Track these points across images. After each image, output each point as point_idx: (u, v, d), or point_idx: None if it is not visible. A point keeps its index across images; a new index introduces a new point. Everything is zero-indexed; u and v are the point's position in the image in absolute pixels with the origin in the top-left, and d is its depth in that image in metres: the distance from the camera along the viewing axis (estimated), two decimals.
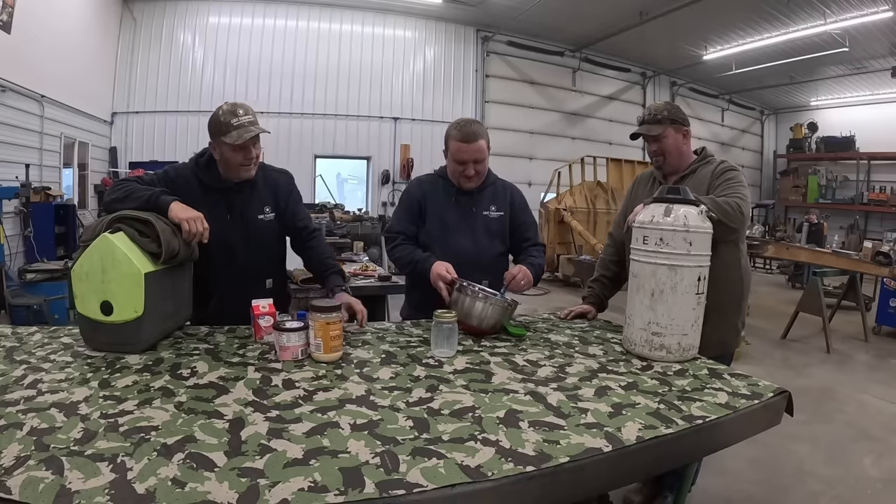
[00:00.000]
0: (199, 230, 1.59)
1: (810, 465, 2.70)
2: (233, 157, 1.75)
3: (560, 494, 0.95)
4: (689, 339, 1.53)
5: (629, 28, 9.63)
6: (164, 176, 1.82)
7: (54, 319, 4.37)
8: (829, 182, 13.68)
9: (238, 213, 1.85)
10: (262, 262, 1.93)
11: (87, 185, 8.17)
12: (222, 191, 1.83)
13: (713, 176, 1.85)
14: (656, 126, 1.88)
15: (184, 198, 1.72)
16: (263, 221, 1.90)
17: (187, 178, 1.82)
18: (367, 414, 1.10)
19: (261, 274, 1.93)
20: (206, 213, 1.72)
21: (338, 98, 9.99)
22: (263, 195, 1.91)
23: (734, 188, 1.77)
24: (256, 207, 1.88)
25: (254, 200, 1.88)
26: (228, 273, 1.85)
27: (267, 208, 1.91)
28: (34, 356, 1.38)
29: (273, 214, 1.92)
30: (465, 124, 1.95)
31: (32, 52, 6.23)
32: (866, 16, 8.21)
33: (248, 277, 1.86)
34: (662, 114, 1.88)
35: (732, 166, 1.89)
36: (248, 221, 1.87)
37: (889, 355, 4.93)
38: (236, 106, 1.73)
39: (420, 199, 2.04)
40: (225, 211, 1.83)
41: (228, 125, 1.69)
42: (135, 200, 1.59)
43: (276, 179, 1.96)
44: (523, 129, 11.45)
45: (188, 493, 0.79)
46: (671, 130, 1.88)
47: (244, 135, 1.69)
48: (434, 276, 1.80)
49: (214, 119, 1.73)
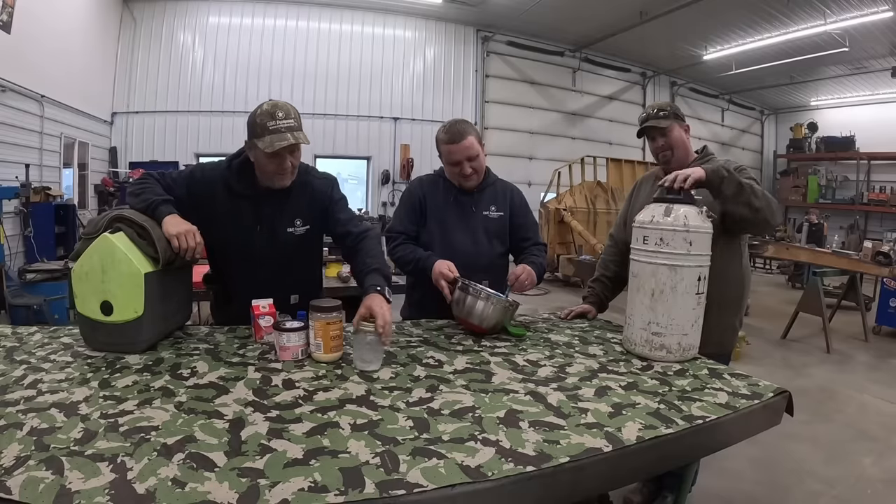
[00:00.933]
0: (191, 245, 1.46)
1: (810, 465, 2.70)
2: (266, 165, 1.59)
3: (560, 494, 0.95)
4: (689, 339, 1.53)
5: (629, 28, 9.63)
6: (188, 176, 1.68)
7: (54, 319, 4.36)
8: (829, 182, 13.69)
9: (267, 224, 1.69)
10: (287, 278, 1.76)
11: (87, 185, 8.17)
12: (252, 198, 1.67)
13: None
14: (664, 120, 1.88)
15: (205, 201, 1.64)
16: (293, 235, 1.73)
17: (214, 181, 1.67)
18: (368, 414, 1.10)
19: (285, 290, 1.77)
20: (231, 220, 1.66)
21: (338, 98, 10.00)
22: (296, 206, 1.72)
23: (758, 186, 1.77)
24: (287, 219, 1.71)
25: (285, 212, 1.71)
26: (250, 285, 1.70)
27: (298, 221, 1.73)
28: (34, 356, 1.38)
29: (306, 227, 1.74)
30: (450, 125, 1.95)
31: (32, 52, 6.23)
32: (866, 16, 8.22)
33: (271, 292, 1.66)
34: (667, 109, 1.90)
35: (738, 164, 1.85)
36: (276, 234, 1.70)
37: (889, 355, 4.93)
38: (276, 107, 1.54)
39: (421, 199, 2.04)
40: (253, 220, 1.69)
41: (264, 128, 1.52)
42: (141, 202, 1.53)
43: (312, 188, 1.75)
44: (523, 129, 11.46)
45: (188, 494, 0.79)
46: (676, 125, 1.90)
47: (276, 143, 1.51)
48: (436, 274, 1.80)
49: (252, 118, 1.57)
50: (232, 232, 1.68)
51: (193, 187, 1.66)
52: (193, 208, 1.61)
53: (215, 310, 1.94)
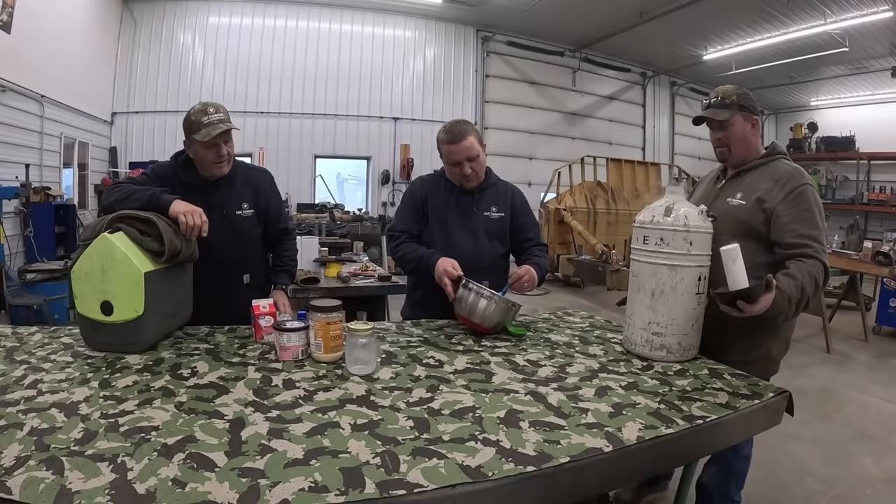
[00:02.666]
0: (198, 223, 1.60)
1: (810, 465, 2.70)
2: (205, 155, 1.80)
3: (560, 494, 0.95)
4: (689, 339, 1.53)
5: (629, 28, 9.62)
6: (152, 174, 1.86)
7: (54, 319, 4.36)
8: (829, 182, 13.67)
9: (217, 209, 1.87)
10: (239, 257, 1.97)
11: (87, 185, 8.17)
12: (200, 188, 1.86)
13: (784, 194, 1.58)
14: (723, 111, 1.65)
15: None
16: (241, 217, 1.95)
17: (169, 175, 1.86)
18: (368, 414, 1.10)
19: (239, 270, 1.98)
20: None
21: (338, 98, 9.99)
22: (242, 192, 1.95)
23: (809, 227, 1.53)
24: (235, 203, 1.93)
25: (232, 197, 1.93)
26: (206, 268, 1.84)
27: (245, 205, 1.96)
28: (34, 356, 1.38)
29: (252, 211, 1.97)
30: (451, 126, 1.96)
31: (32, 52, 6.23)
32: (866, 16, 8.21)
33: (226, 273, 1.91)
34: (731, 98, 1.66)
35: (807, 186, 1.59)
36: (227, 217, 1.90)
37: (889, 355, 4.92)
38: (207, 105, 1.79)
39: (423, 199, 2.04)
40: (204, 207, 1.80)
41: (199, 123, 1.74)
42: (136, 201, 1.61)
43: (255, 178, 2.02)
44: (523, 129, 11.45)
45: (188, 494, 0.79)
46: (739, 118, 1.66)
47: (212, 132, 1.74)
48: (440, 271, 1.79)
49: (186, 118, 1.79)
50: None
51: (157, 182, 1.81)
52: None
53: None
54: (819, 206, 1.60)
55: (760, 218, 1.60)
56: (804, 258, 1.51)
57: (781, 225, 1.56)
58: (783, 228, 1.56)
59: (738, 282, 1.35)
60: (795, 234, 1.54)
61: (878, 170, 12.88)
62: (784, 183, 1.60)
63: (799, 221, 1.55)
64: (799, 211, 1.56)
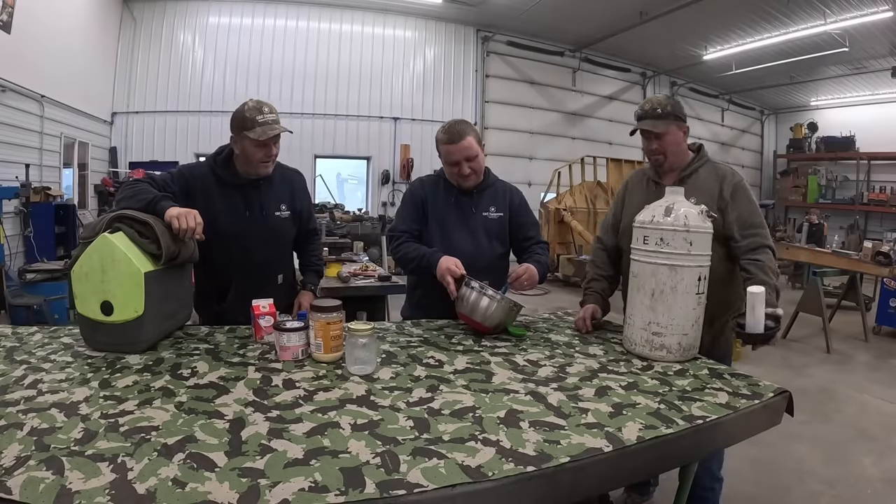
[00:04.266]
0: (191, 225, 1.53)
1: (810, 465, 2.70)
2: (254, 154, 1.77)
3: (560, 494, 0.95)
4: (689, 339, 1.53)
5: (629, 28, 9.63)
6: (178, 174, 1.82)
7: (54, 319, 4.36)
8: (829, 182, 13.68)
9: (257, 209, 1.87)
10: (276, 258, 1.98)
11: (87, 185, 8.17)
12: (240, 187, 1.85)
13: (726, 188, 1.75)
14: (660, 122, 1.75)
15: (199, 195, 1.77)
16: (280, 219, 1.93)
17: (203, 174, 1.83)
18: (368, 414, 1.10)
19: (274, 270, 1.98)
20: (225, 209, 1.79)
21: (338, 98, 10.00)
22: (280, 193, 1.94)
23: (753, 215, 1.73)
24: (274, 204, 1.92)
25: (271, 197, 1.91)
26: (244, 269, 1.87)
27: (283, 206, 1.94)
28: (34, 356, 1.38)
29: (289, 213, 1.96)
30: (450, 126, 1.96)
31: (32, 52, 6.23)
32: (866, 16, 8.21)
33: (263, 273, 1.91)
34: (666, 109, 1.76)
35: (740, 179, 1.80)
36: (266, 218, 1.89)
37: (889, 355, 4.93)
38: (262, 104, 1.77)
39: (423, 199, 2.04)
40: (243, 207, 1.86)
41: (253, 121, 1.72)
42: (138, 202, 1.59)
43: (291, 178, 2.02)
44: (523, 129, 11.45)
45: (188, 494, 0.79)
46: (674, 127, 1.77)
47: (268, 132, 1.72)
48: (442, 269, 1.79)
49: (239, 114, 1.76)
50: (227, 220, 1.81)
51: (185, 183, 1.79)
52: (188, 202, 1.72)
53: (202, 307, 1.97)
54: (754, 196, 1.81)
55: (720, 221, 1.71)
56: (756, 250, 1.70)
57: (731, 220, 1.73)
58: (733, 223, 1.73)
59: (757, 326, 1.47)
60: (745, 224, 1.73)
61: (878, 170, 12.89)
62: (728, 181, 1.77)
63: (746, 214, 1.74)
64: (743, 205, 1.75)
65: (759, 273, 1.64)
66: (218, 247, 1.81)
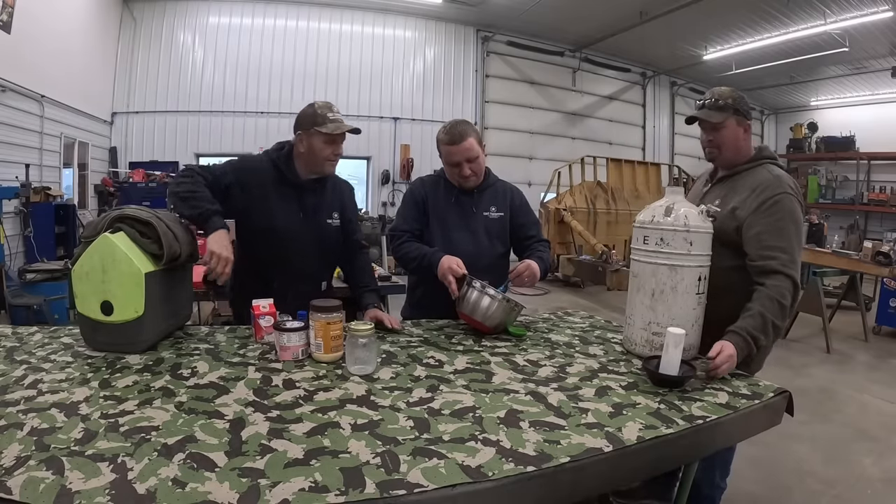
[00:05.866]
0: (220, 271, 1.55)
1: (810, 465, 2.70)
2: (322, 150, 1.78)
3: (560, 494, 0.95)
4: (689, 339, 1.52)
5: (629, 28, 9.62)
6: (238, 166, 1.83)
7: (54, 319, 4.36)
8: (829, 182, 13.67)
9: (311, 212, 1.88)
10: (323, 264, 1.98)
11: (87, 185, 8.16)
12: (297, 187, 1.85)
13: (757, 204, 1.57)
14: (717, 113, 1.64)
15: (255, 190, 1.79)
16: (331, 226, 1.94)
17: (264, 170, 1.82)
18: (368, 414, 1.10)
19: (319, 276, 1.99)
20: (279, 207, 1.81)
21: (338, 98, 9.94)
22: (332, 201, 1.95)
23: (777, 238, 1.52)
24: (326, 212, 1.93)
25: (324, 204, 1.92)
26: (289, 271, 1.86)
27: (335, 213, 1.95)
28: (34, 356, 1.38)
29: (339, 222, 1.96)
30: (451, 126, 1.96)
31: (32, 52, 6.23)
32: (866, 16, 8.20)
33: (308, 277, 1.92)
34: (727, 101, 1.65)
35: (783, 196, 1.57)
36: (318, 223, 1.90)
37: (889, 355, 4.93)
38: (329, 103, 1.80)
39: (423, 198, 2.05)
40: (298, 209, 1.86)
41: (325, 118, 1.75)
42: (190, 208, 1.62)
43: (342, 188, 2.02)
44: (523, 129, 11.44)
45: (189, 494, 0.79)
46: (732, 121, 1.65)
47: (341, 127, 1.76)
48: (444, 268, 1.79)
49: (309, 111, 1.78)
50: (281, 219, 1.81)
51: (243, 175, 1.80)
52: (242, 194, 1.77)
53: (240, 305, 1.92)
54: (795, 216, 1.58)
55: (732, 226, 1.61)
56: (767, 274, 1.52)
57: (750, 236, 1.58)
58: (751, 239, 1.57)
59: (670, 367, 1.33)
60: (762, 245, 1.55)
61: (878, 170, 12.88)
62: (760, 192, 1.59)
63: (768, 232, 1.55)
64: (770, 221, 1.56)
65: (755, 303, 1.51)
66: (268, 246, 1.82)
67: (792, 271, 1.53)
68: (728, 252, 1.62)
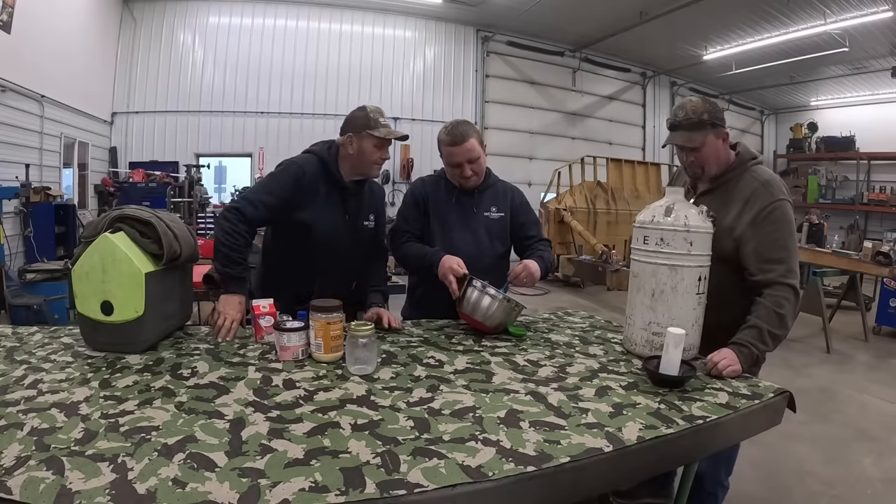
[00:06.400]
0: (224, 332, 1.59)
1: (810, 465, 2.70)
2: (372, 154, 1.80)
3: (561, 494, 0.95)
4: (689, 339, 1.52)
5: (629, 28, 9.62)
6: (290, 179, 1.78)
7: (54, 319, 4.36)
8: (829, 182, 13.67)
9: (353, 216, 1.90)
10: (357, 265, 2.00)
11: (87, 185, 8.17)
12: (343, 190, 1.87)
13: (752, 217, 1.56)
14: (697, 134, 1.56)
15: (310, 193, 1.80)
16: (367, 228, 1.97)
17: (316, 172, 1.83)
18: (368, 414, 1.10)
19: (352, 277, 2.01)
20: (326, 209, 1.83)
21: (338, 98, 9.98)
22: (370, 203, 1.98)
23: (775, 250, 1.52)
24: (364, 214, 1.96)
25: (363, 207, 1.95)
26: (330, 272, 1.88)
27: (371, 216, 1.98)
28: (34, 356, 1.38)
29: (374, 224, 2.00)
30: (453, 126, 1.95)
31: (32, 52, 6.23)
32: (866, 16, 8.21)
33: (343, 279, 1.95)
34: (701, 116, 1.56)
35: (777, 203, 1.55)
36: (357, 225, 1.93)
37: (889, 355, 4.93)
38: (380, 108, 1.83)
39: (424, 199, 2.05)
40: (342, 211, 1.88)
41: (377, 122, 1.77)
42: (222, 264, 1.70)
43: (378, 191, 2.07)
44: (523, 129, 11.45)
45: (189, 494, 0.79)
46: (711, 136, 1.57)
47: (392, 133, 1.79)
48: (444, 268, 1.79)
49: (361, 114, 1.79)
50: (326, 221, 1.83)
51: (302, 185, 1.79)
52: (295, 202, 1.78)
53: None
54: (789, 223, 1.57)
55: (730, 246, 1.59)
56: (768, 286, 1.52)
57: (748, 252, 1.57)
58: (749, 255, 1.56)
59: (670, 367, 1.33)
60: (761, 259, 1.54)
61: (878, 170, 12.88)
62: (752, 203, 1.57)
63: (765, 245, 1.54)
64: (766, 233, 1.55)
65: (753, 315, 1.50)
66: (311, 248, 1.83)
67: (791, 280, 1.53)
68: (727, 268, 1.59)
